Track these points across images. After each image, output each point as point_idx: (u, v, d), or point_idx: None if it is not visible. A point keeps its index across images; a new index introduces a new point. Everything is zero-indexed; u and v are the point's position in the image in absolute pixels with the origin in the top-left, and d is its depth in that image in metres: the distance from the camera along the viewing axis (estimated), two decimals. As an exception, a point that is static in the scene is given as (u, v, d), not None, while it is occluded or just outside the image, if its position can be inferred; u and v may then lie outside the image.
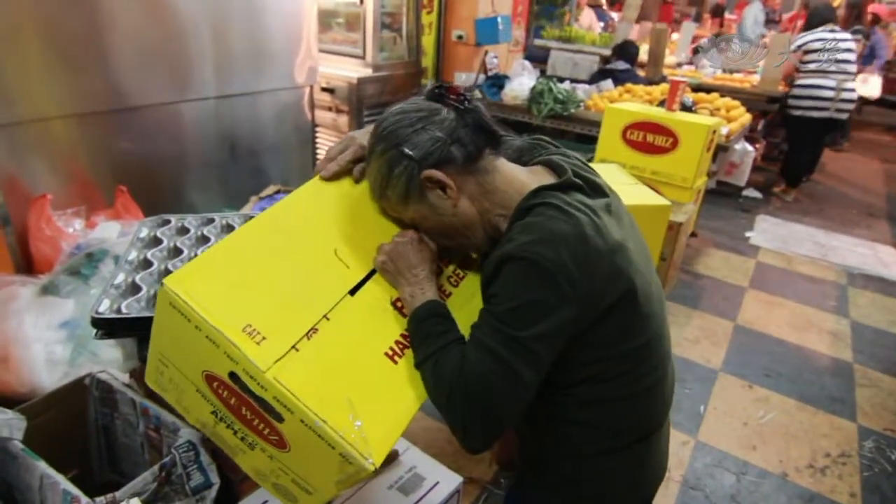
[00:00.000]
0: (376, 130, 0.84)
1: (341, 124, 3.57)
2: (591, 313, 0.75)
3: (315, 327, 0.76)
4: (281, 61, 2.94)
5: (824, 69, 3.92)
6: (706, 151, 2.74)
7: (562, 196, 0.79)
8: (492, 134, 0.83)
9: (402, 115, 0.81)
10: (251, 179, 2.89)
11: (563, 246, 0.72)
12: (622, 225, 0.82)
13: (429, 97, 0.84)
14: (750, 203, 4.37)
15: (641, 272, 0.81)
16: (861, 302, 3.12)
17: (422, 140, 0.79)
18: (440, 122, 0.80)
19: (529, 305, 0.73)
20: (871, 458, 2.05)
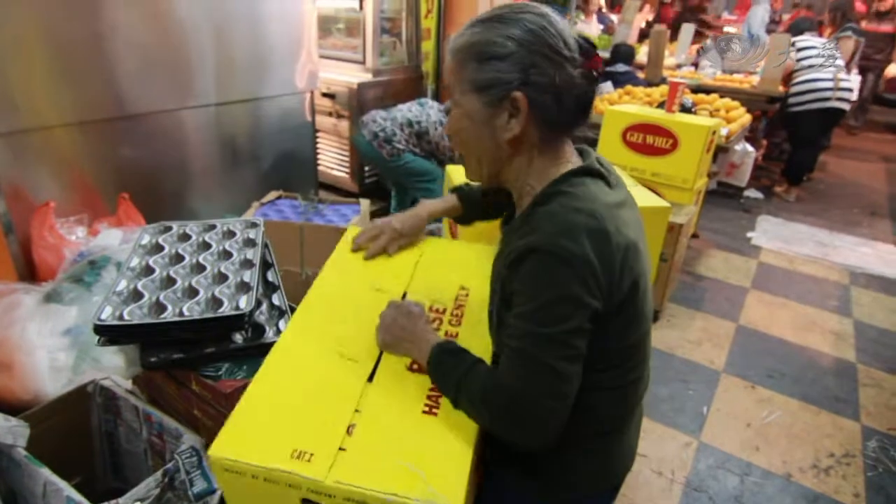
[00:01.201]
0: (526, 11, 0.79)
1: (342, 129, 3.58)
2: (608, 308, 0.76)
3: (352, 423, 0.82)
4: (282, 67, 2.95)
5: (819, 63, 3.96)
6: (706, 152, 2.74)
7: (588, 184, 0.80)
8: (584, 118, 0.83)
9: (555, 34, 0.77)
10: (253, 185, 2.91)
11: (587, 240, 0.72)
12: (634, 222, 0.83)
13: (578, 49, 0.79)
14: (751, 203, 4.37)
15: (645, 272, 0.82)
16: (864, 301, 3.11)
17: (547, 71, 0.76)
18: (569, 74, 0.77)
19: (558, 301, 0.73)
20: (874, 458, 2.05)
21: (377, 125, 3.00)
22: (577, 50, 0.77)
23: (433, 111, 3.11)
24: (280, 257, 2.32)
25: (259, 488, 0.79)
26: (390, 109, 3.10)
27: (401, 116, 3.03)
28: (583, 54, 0.78)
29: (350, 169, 3.65)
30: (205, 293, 1.20)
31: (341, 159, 3.69)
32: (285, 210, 2.49)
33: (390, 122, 3.01)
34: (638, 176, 2.82)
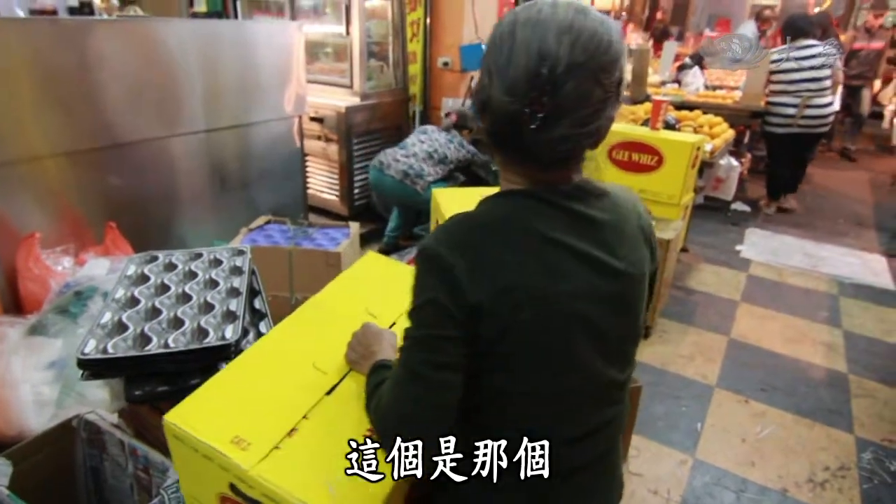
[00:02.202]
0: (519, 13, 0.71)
1: (331, 153, 3.60)
2: (488, 332, 0.71)
3: (295, 427, 0.87)
4: (270, 93, 2.98)
5: (787, 89, 3.99)
6: (691, 168, 2.77)
7: (517, 206, 0.74)
8: (531, 159, 0.73)
9: (511, 46, 0.68)
10: (242, 211, 2.90)
11: (463, 248, 0.71)
12: (567, 270, 0.73)
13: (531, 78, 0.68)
14: (739, 216, 4.41)
15: (556, 313, 0.72)
16: (853, 311, 3.13)
17: (483, 82, 0.71)
18: (497, 96, 0.69)
19: (425, 303, 0.72)
20: (870, 470, 2.04)
21: (403, 164, 3.08)
22: (526, 77, 0.66)
23: (437, 135, 3.23)
24: (269, 282, 2.31)
25: (198, 463, 0.85)
26: (404, 147, 3.19)
27: (419, 151, 3.13)
28: (534, 86, 0.66)
29: (340, 192, 3.66)
30: (190, 323, 1.19)
31: (331, 182, 3.70)
32: (274, 235, 2.49)
33: (414, 159, 3.10)
34: (625, 193, 2.85)
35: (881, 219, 4.55)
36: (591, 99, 0.68)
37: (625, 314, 0.78)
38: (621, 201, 0.80)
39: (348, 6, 3.39)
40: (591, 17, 0.69)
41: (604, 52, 0.67)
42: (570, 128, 0.68)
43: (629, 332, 0.81)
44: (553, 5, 0.69)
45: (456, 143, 3.17)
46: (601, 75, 0.68)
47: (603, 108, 0.70)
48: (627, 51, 5.87)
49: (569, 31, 0.66)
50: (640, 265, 0.79)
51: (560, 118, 0.67)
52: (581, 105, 0.68)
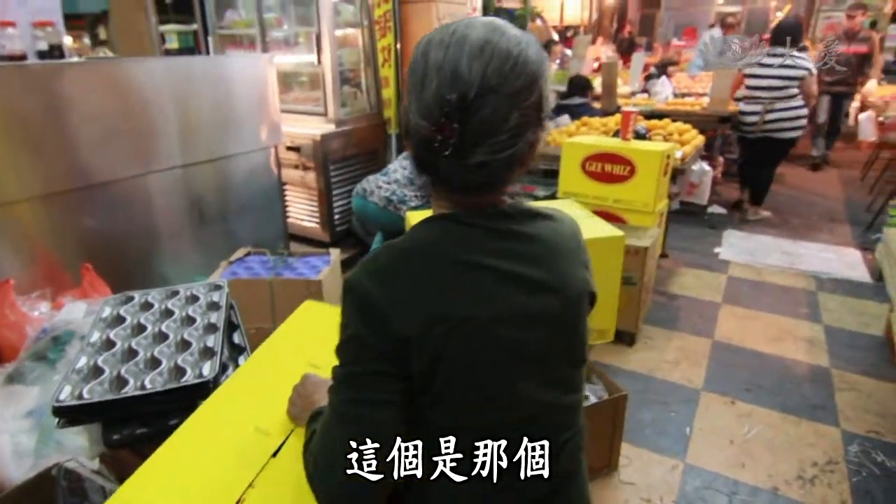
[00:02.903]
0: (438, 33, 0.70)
1: (309, 181, 3.62)
2: (419, 365, 0.68)
3: (241, 498, 0.85)
4: (245, 125, 3.00)
5: (752, 94, 4.10)
6: (663, 176, 2.83)
7: (438, 231, 0.72)
8: (442, 182, 0.73)
9: (427, 66, 0.68)
10: (222, 244, 2.90)
11: (380, 279, 0.69)
12: (487, 294, 0.71)
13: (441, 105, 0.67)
14: (716, 219, 4.48)
15: (482, 345, 0.70)
16: (832, 306, 3.19)
17: (409, 101, 0.70)
18: (414, 119, 0.69)
19: (349, 338, 0.71)
20: (857, 463, 2.06)
21: (386, 191, 3.11)
22: (437, 102, 0.65)
23: None
24: (251, 315, 2.31)
25: None
26: (386, 173, 3.22)
27: (401, 177, 3.16)
28: (445, 113, 0.64)
29: (320, 219, 3.67)
30: (167, 363, 1.19)
31: (311, 210, 3.71)
32: (255, 266, 2.49)
33: (396, 185, 3.13)
34: (600, 203, 2.89)
35: (853, 213, 4.66)
36: (506, 124, 0.65)
37: (562, 336, 0.76)
38: (557, 224, 0.79)
39: (318, 36, 3.44)
40: (507, 37, 0.66)
41: (519, 75, 0.65)
42: (486, 154, 0.65)
43: (570, 355, 0.78)
44: (468, 26, 0.67)
45: None
46: (517, 99, 0.66)
47: (521, 133, 0.67)
48: (600, 66, 5.98)
49: (480, 54, 0.64)
50: (577, 286, 0.77)
51: (475, 145, 0.65)
52: (496, 131, 0.65)
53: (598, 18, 12.28)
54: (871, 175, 5.25)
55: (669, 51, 9.88)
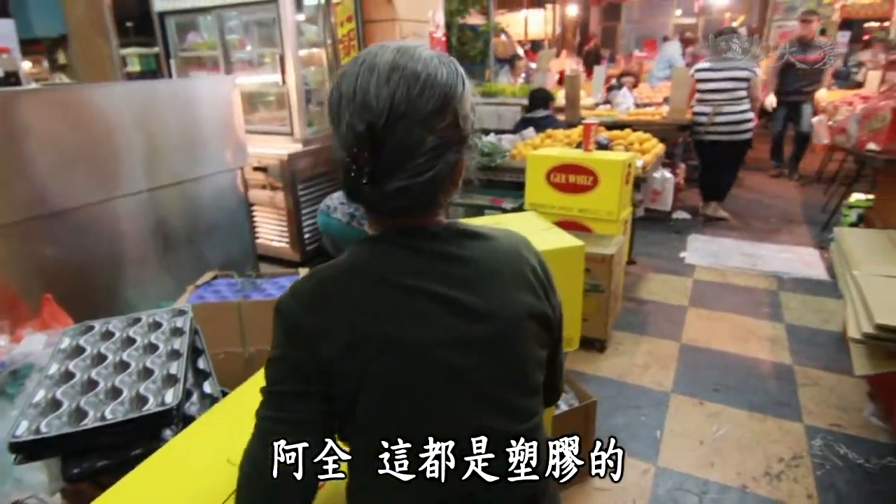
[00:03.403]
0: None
1: (278, 201, 3.60)
2: (341, 386, 0.69)
3: None
4: (210, 147, 2.99)
5: (703, 98, 4.29)
6: (625, 184, 2.90)
7: (375, 252, 0.73)
8: (368, 206, 0.74)
9: (343, 92, 0.68)
10: (190, 268, 2.87)
11: (307, 300, 0.71)
12: (421, 312, 0.71)
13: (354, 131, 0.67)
14: (680, 224, 4.60)
15: (410, 369, 0.69)
16: (793, 305, 3.29)
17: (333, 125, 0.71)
18: (337, 142, 0.71)
19: (274, 358, 0.73)
20: (821, 456, 2.12)
21: (349, 206, 3.13)
22: (350, 132, 0.65)
23: None
24: (220, 339, 2.28)
25: None
26: None
27: None
28: (357, 142, 0.64)
29: (290, 238, 3.66)
30: (129, 392, 1.17)
31: (280, 230, 3.69)
32: (222, 290, 2.46)
33: None
34: (566, 213, 2.95)
35: (810, 214, 4.83)
36: (422, 147, 0.65)
37: (500, 360, 0.73)
38: (494, 244, 0.78)
39: (282, 57, 3.45)
40: (415, 59, 0.66)
41: (428, 98, 0.65)
42: (405, 179, 0.65)
43: (511, 380, 0.75)
44: (376, 53, 0.67)
45: None
46: (431, 121, 0.65)
47: (440, 155, 0.66)
48: (560, 78, 6.09)
49: (387, 81, 0.64)
50: (514, 308, 0.74)
51: (391, 170, 0.65)
52: (412, 156, 0.65)
53: (562, 32, 12.58)
54: (825, 177, 5.47)
55: (632, 62, 10.17)
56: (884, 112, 2.37)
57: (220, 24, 3.69)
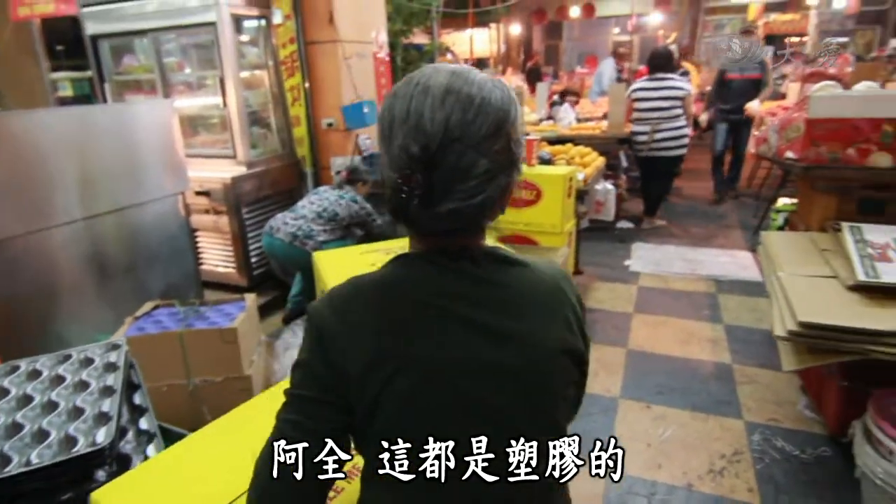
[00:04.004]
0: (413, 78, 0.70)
1: (222, 225, 3.53)
2: (357, 397, 0.69)
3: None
4: (148, 173, 2.91)
5: (641, 117, 4.48)
6: (567, 197, 3.00)
7: (415, 268, 0.73)
8: (413, 225, 0.72)
9: (396, 115, 0.68)
10: (130, 298, 2.76)
11: (339, 307, 0.72)
12: (447, 339, 0.70)
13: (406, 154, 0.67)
14: (624, 234, 4.77)
15: (440, 389, 0.68)
16: (730, 306, 3.46)
17: (382, 147, 0.71)
18: (385, 167, 0.71)
19: (299, 363, 0.73)
20: (760, 451, 2.23)
21: (292, 226, 3.06)
22: (402, 154, 0.65)
23: (328, 194, 3.24)
24: (162, 371, 2.21)
25: None
26: (294, 210, 3.19)
27: (308, 212, 3.12)
28: (409, 165, 0.64)
29: (236, 263, 3.57)
30: (57, 433, 1.12)
31: (226, 255, 3.60)
32: (164, 320, 2.38)
33: (303, 221, 3.08)
34: (513, 228, 3.02)
35: (743, 219, 5.10)
36: (474, 171, 0.65)
37: (528, 392, 0.71)
38: (540, 275, 0.76)
39: (222, 79, 3.40)
40: (469, 83, 0.66)
41: (482, 122, 0.65)
42: (457, 202, 0.64)
43: (536, 414, 0.72)
44: (429, 76, 0.67)
45: (347, 199, 3.21)
46: (484, 146, 0.65)
47: (492, 179, 0.66)
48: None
49: (442, 105, 0.64)
50: (549, 342, 0.73)
51: (444, 193, 0.64)
52: (464, 179, 0.64)
53: (507, 50, 12.91)
54: (755, 183, 5.79)
55: (574, 78, 10.54)
56: (798, 122, 2.54)
57: (157, 47, 3.61)
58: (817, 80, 4.36)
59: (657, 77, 4.42)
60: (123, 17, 3.57)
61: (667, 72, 4.45)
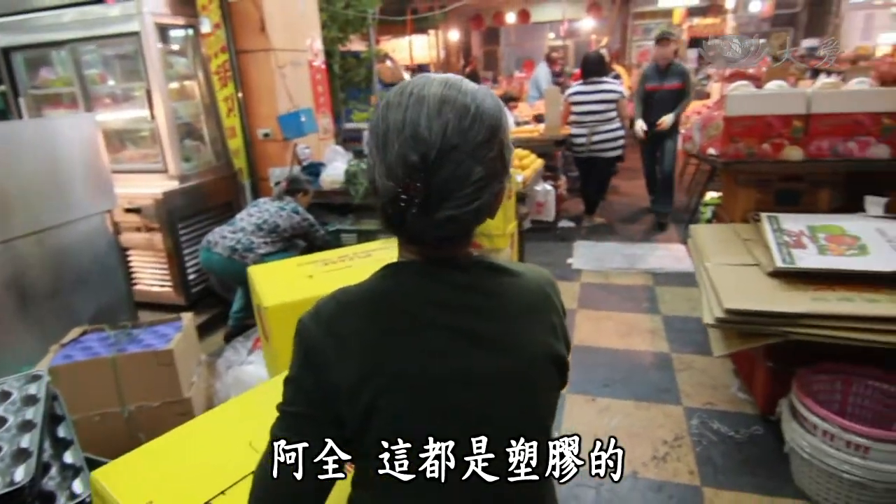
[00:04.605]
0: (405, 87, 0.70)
1: (156, 242, 3.38)
2: (349, 413, 0.69)
3: (209, 502, 0.93)
4: (71, 192, 2.76)
5: (578, 120, 4.62)
6: (507, 199, 3.05)
7: (403, 278, 0.73)
8: (411, 235, 0.72)
9: (391, 125, 0.68)
10: (56, 325, 2.60)
11: (326, 321, 0.71)
12: (433, 351, 0.71)
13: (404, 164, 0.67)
14: (566, 233, 4.90)
15: (427, 399, 0.70)
16: (667, 298, 3.61)
17: (372, 156, 0.70)
18: (380, 177, 0.69)
19: (290, 378, 0.73)
20: (699, 434, 2.33)
21: (231, 240, 2.97)
22: (400, 163, 0.65)
23: (268, 205, 3.16)
24: (93, 400, 2.10)
25: None
26: (232, 223, 3.10)
27: (248, 224, 3.04)
28: (408, 173, 0.64)
29: (173, 282, 3.43)
30: (-31, 476, 1.04)
31: (161, 274, 3.46)
32: (94, 345, 2.26)
33: (242, 234, 3.00)
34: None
35: (677, 213, 5.31)
36: (471, 178, 0.66)
37: (516, 399, 0.73)
38: (527, 282, 0.78)
39: (149, 91, 3.27)
40: (463, 92, 0.67)
41: (479, 130, 0.66)
42: (454, 209, 0.66)
43: (526, 422, 0.74)
44: (422, 86, 0.68)
45: (288, 210, 3.15)
46: (479, 153, 0.66)
47: (487, 185, 0.68)
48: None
49: (439, 113, 0.65)
50: (535, 348, 0.75)
51: (441, 200, 0.65)
52: (462, 186, 0.66)
53: (446, 56, 13.03)
54: (685, 179, 6.08)
55: (513, 82, 10.75)
56: (718, 120, 2.69)
57: (77, 59, 3.42)
58: (737, 80, 4.63)
59: (591, 81, 4.57)
60: (38, 28, 3.37)
61: (600, 76, 4.60)
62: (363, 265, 2.06)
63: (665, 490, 2.05)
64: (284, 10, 3.76)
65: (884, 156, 2.33)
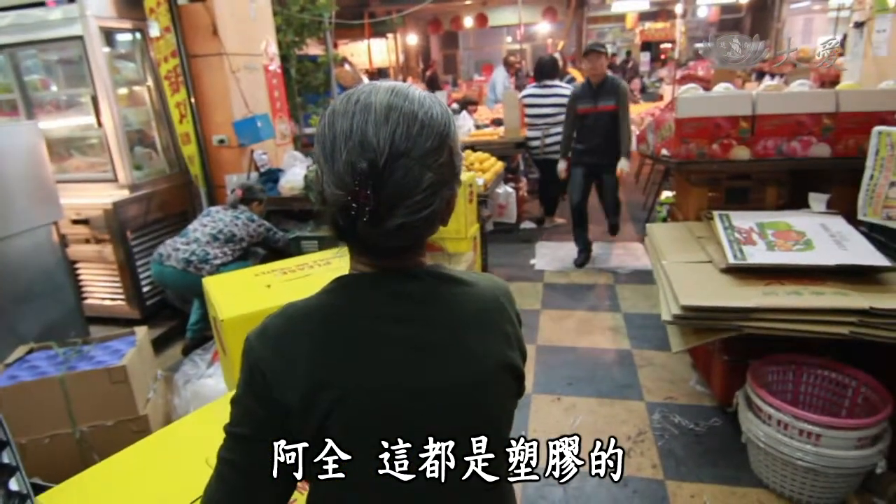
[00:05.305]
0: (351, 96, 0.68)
1: (107, 255, 3.25)
2: (293, 424, 0.68)
3: None
4: (11, 204, 2.62)
5: (533, 122, 4.68)
6: (469, 203, 3.06)
7: (350, 292, 0.72)
8: (361, 246, 0.72)
9: (338, 132, 0.66)
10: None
11: (272, 338, 0.69)
12: (390, 360, 0.70)
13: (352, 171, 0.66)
14: (528, 234, 4.95)
15: (369, 423, 0.68)
16: (627, 295, 3.69)
17: (320, 166, 0.69)
18: (327, 186, 0.68)
19: (236, 398, 0.71)
20: (661, 428, 2.39)
21: (185, 252, 2.88)
22: (348, 171, 0.64)
23: (222, 214, 3.08)
24: (42, 422, 2.01)
25: None
26: (185, 234, 3.00)
27: (202, 235, 2.95)
28: (357, 181, 0.63)
29: (126, 295, 3.31)
30: None
31: (113, 287, 3.32)
32: (41, 364, 2.15)
33: (196, 245, 2.91)
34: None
35: (634, 213, 5.48)
36: (420, 185, 0.65)
37: (467, 410, 0.72)
38: (481, 292, 0.77)
39: (95, 97, 3.14)
40: (410, 99, 0.67)
41: (427, 136, 0.65)
42: (404, 216, 0.65)
43: (477, 428, 0.72)
44: (368, 93, 0.67)
45: (244, 218, 3.08)
46: (429, 160, 0.65)
47: (437, 192, 0.67)
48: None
49: (386, 120, 0.64)
50: (491, 358, 0.74)
51: (391, 208, 0.64)
52: (411, 193, 0.65)
53: (406, 60, 13.03)
54: (642, 179, 6.24)
55: (472, 86, 10.83)
56: (669, 122, 2.78)
57: (15, 64, 3.27)
58: (687, 83, 4.79)
59: (545, 84, 4.64)
60: (-29, 32, 3.20)
61: (553, 79, 4.68)
62: (323, 273, 2.03)
63: (630, 485, 2.09)
64: (236, 14, 3.68)
65: (825, 154, 2.45)
